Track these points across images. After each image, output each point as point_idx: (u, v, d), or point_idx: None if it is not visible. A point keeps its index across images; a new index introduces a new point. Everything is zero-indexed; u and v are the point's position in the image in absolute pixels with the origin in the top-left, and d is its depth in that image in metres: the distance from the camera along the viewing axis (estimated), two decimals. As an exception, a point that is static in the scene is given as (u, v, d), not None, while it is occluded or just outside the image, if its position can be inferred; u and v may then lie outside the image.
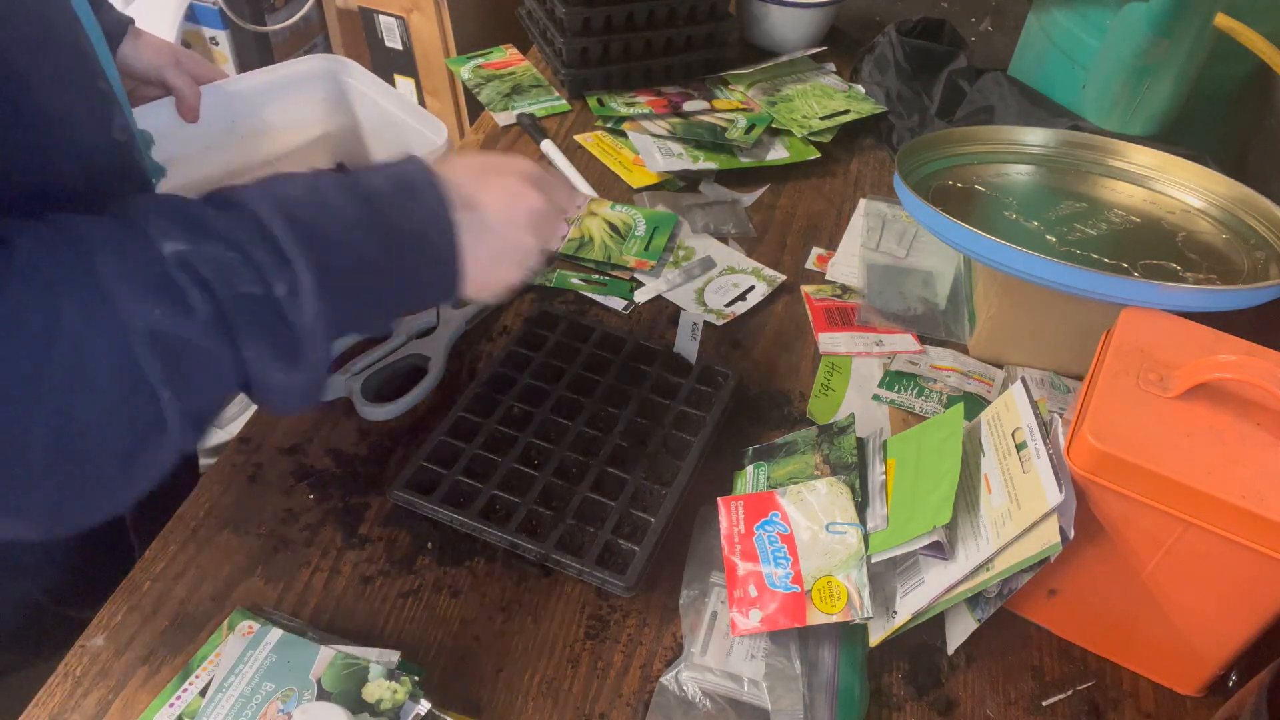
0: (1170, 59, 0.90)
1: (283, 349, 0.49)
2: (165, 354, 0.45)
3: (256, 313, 0.48)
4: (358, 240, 0.52)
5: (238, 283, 0.47)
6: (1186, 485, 0.53)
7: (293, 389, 0.51)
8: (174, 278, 0.46)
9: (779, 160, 1.02)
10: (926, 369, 0.82)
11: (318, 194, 0.52)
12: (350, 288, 0.51)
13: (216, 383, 0.48)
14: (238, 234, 0.48)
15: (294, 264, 0.49)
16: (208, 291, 0.46)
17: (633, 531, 0.66)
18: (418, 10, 1.54)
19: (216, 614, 0.62)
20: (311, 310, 0.49)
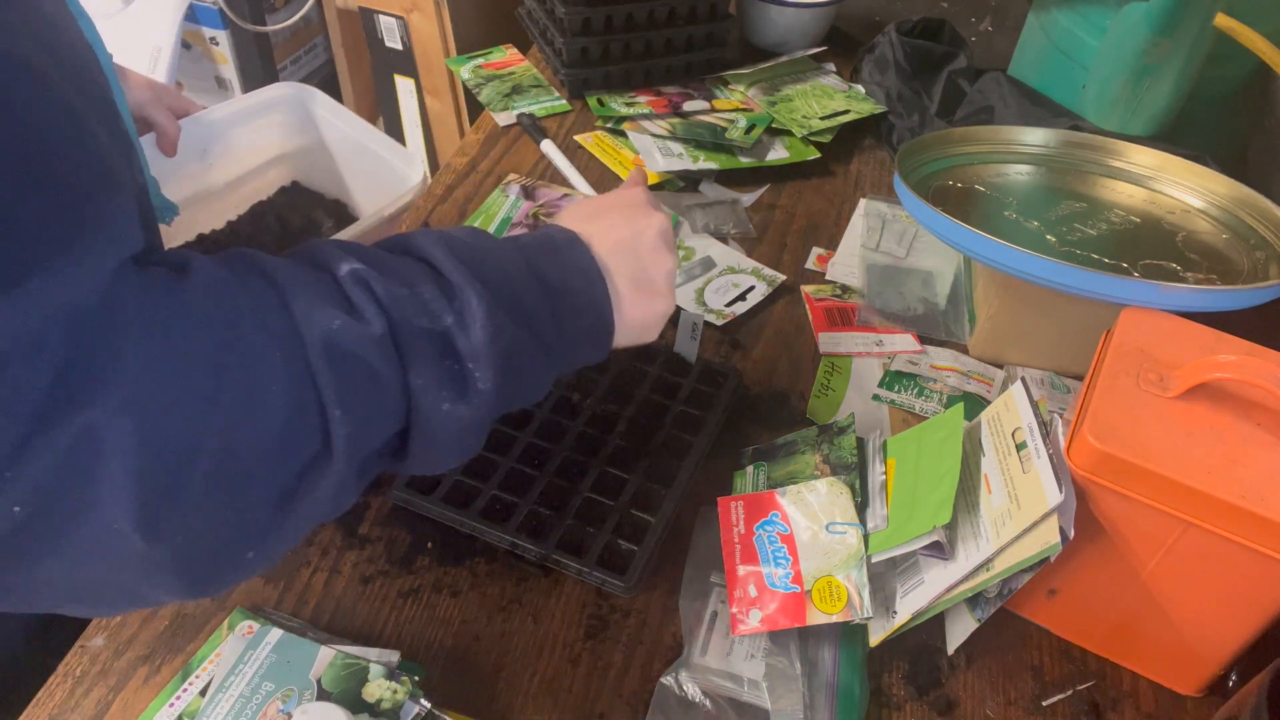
0: (1170, 59, 0.90)
1: (450, 378, 0.48)
2: (340, 367, 0.44)
3: (426, 343, 0.47)
4: (516, 278, 0.52)
5: (409, 314, 0.47)
6: (1186, 485, 0.53)
7: (455, 426, 0.49)
8: (350, 292, 0.46)
9: (779, 160, 1.02)
10: (926, 369, 0.82)
11: (477, 238, 0.54)
12: (513, 326, 0.51)
13: (383, 410, 0.47)
14: (406, 269, 0.49)
15: (461, 292, 0.49)
16: (381, 309, 0.46)
17: (633, 531, 0.66)
18: (418, 10, 1.54)
19: (216, 614, 0.62)
20: (479, 338, 0.49)
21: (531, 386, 0.55)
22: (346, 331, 0.45)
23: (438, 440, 0.50)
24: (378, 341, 0.45)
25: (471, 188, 0.98)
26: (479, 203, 0.95)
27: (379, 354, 0.45)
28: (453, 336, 0.48)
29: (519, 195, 0.96)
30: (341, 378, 0.44)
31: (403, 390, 0.47)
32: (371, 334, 0.45)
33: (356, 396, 0.45)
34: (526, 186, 0.97)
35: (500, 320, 0.50)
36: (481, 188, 0.98)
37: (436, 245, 0.51)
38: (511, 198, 0.96)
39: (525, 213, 0.94)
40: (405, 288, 0.48)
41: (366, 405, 0.45)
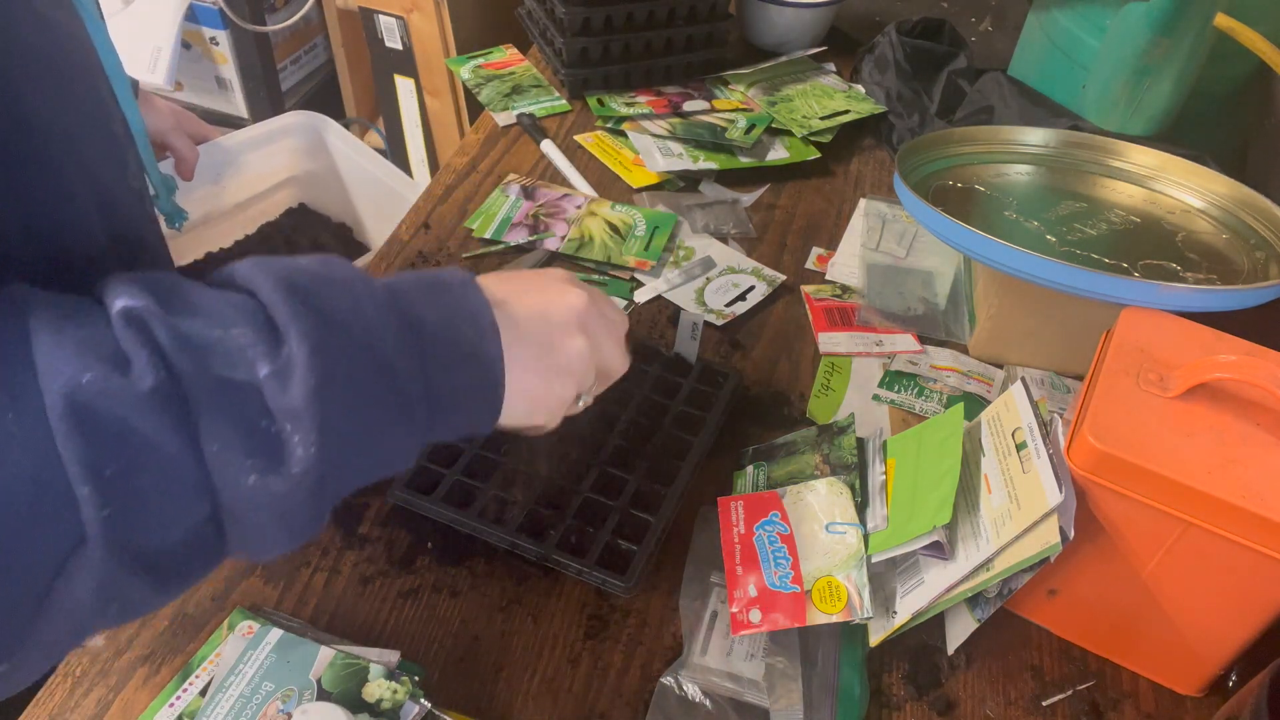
0: (1170, 59, 0.90)
1: (260, 443, 0.39)
2: (90, 431, 0.36)
3: (230, 399, 0.39)
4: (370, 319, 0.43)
5: (208, 363, 0.38)
6: (1186, 485, 0.53)
7: (269, 502, 0.40)
8: (120, 336, 0.38)
9: (779, 160, 1.02)
10: (926, 369, 0.82)
11: (329, 268, 0.44)
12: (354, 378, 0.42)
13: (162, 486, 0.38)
14: (220, 306, 0.40)
15: (285, 333, 0.40)
16: (160, 357, 0.38)
17: (633, 531, 0.66)
18: (418, 10, 1.54)
19: (216, 614, 0.62)
20: (298, 392, 0.39)
21: (381, 456, 0.45)
22: (100, 386, 0.36)
23: (250, 521, 0.40)
24: (144, 399, 0.37)
25: (471, 188, 0.98)
26: (479, 203, 0.95)
27: (149, 414, 0.37)
28: (265, 391, 0.39)
29: (519, 195, 0.96)
30: (93, 446, 0.36)
31: (192, 459, 0.38)
32: (135, 390, 0.37)
33: (120, 468, 0.36)
34: (526, 187, 0.97)
35: (333, 369, 0.40)
36: (481, 188, 0.98)
37: (265, 275, 0.42)
38: (511, 198, 0.96)
39: (525, 213, 0.94)
40: (215, 328, 0.39)
41: (138, 478, 0.37)
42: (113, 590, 0.38)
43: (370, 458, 0.44)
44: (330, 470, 0.41)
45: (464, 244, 0.91)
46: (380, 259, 0.90)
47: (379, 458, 0.45)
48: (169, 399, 0.37)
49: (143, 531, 0.38)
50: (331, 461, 0.41)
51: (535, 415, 0.52)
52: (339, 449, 0.41)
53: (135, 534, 0.37)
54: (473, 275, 0.49)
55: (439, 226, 0.93)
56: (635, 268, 0.89)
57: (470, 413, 0.48)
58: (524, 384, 0.50)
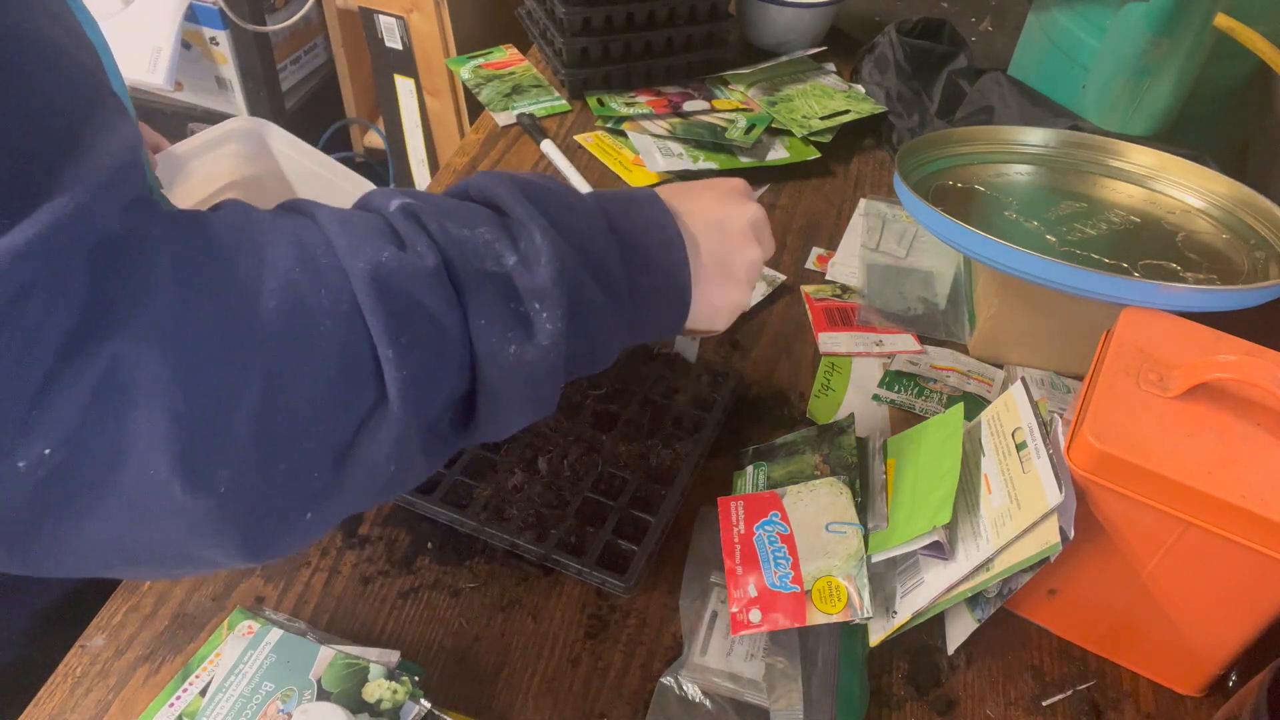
0: (1170, 59, 0.90)
1: (516, 320, 0.45)
2: (390, 303, 0.41)
3: (487, 284, 0.44)
4: (586, 222, 0.49)
5: (468, 254, 0.44)
6: (1186, 485, 0.53)
7: (525, 371, 0.45)
8: (399, 226, 0.43)
9: (779, 160, 1.02)
10: (926, 369, 0.82)
11: (547, 180, 0.51)
12: (581, 268, 0.48)
13: (442, 355, 0.43)
14: (465, 211, 0.46)
15: (525, 230, 0.46)
16: (434, 244, 0.43)
17: (633, 531, 0.66)
18: (418, 10, 1.54)
19: (216, 614, 0.62)
20: (545, 276, 0.45)
21: (600, 340, 0.51)
22: (396, 264, 0.41)
23: (506, 390, 0.46)
24: (431, 276, 0.42)
25: (471, 188, 0.98)
26: (479, 203, 0.95)
27: (433, 290, 0.42)
28: (515, 277, 0.45)
29: (519, 195, 0.96)
30: (393, 315, 0.41)
31: (462, 333, 0.44)
32: (424, 267, 0.42)
33: (412, 337, 0.41)
34: (526, 186, 0.97)
35: (567, 260, 0.46)
36: (481, 188, 0.98)
37: (501, 184, 0.48)
38: (511, 198, 0.96)
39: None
40: (464, 228, 0.45)
41: (423, 347, 0.42)
42: (401, 450, 0.42)
43: (594, 340, 0.50)
44: (571, 347, 0.47)
45: (464, 244, 0.91)
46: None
47: (599, 342, 0.51)
48: (445, 279, 0.43)
49: (425, 396, 0.43)
50: (571, 337, 0.47)
51: (716, 319, 0.58)
52: (575, 326, 0.47)
53: (421, 397, 0.42)
54: (657, 194, 0.55)
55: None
56: (635, 268, 0.89)
57: (662, 311, 0.54)
58: (705, 292, 0.55)
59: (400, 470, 0.44)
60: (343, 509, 0.43)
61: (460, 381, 0.45)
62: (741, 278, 0.57)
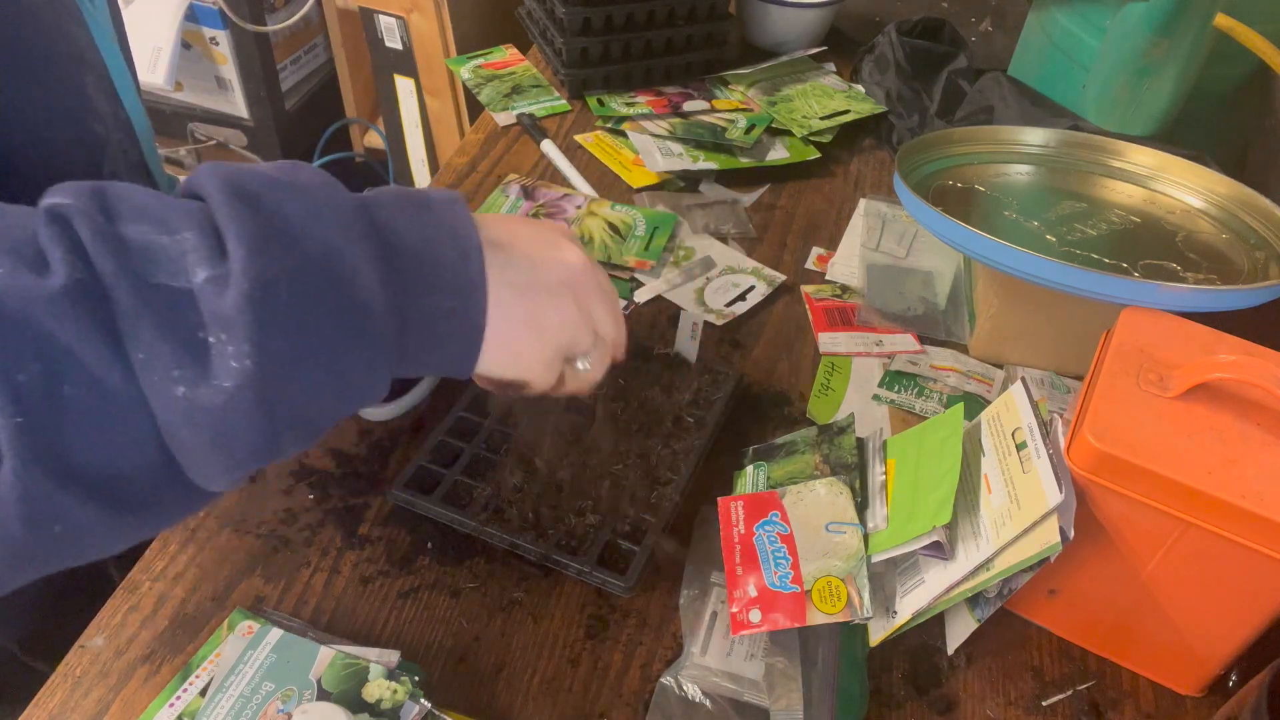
0: (1170, 59, 0.90)
1: (187, 352, 0.36)
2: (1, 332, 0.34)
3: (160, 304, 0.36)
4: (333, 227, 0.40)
5: (137, 265, 0.36)
6: (1186, 485, 0.53)
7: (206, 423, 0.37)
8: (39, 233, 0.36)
9: (779, 160, 1.02)
10: (926, 369, 0.82)
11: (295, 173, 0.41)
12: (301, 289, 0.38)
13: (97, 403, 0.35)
14: (168, 211, 0.38)
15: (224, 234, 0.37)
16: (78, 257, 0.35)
17: (633, 531, 0.66)
18: (418, 10, 1.54)
19: (216, 614, 0.62)
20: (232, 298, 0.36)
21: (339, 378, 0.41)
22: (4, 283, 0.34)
23: (185, 440, 0.38)
24: (54, 298, 0.34)
25: (471, 188, 0.98)
26: (479, 203, 0.95)
27: (57, 315, 0.34)
28: (198, 296, 0.37)
29: (519, 195, 0.96)
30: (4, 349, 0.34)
31: (119, 368, 0.36)
32: (44, 288, 0.34)
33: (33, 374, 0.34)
34: (526, 186, 0.97)
35: (274, 275, 0.37)
36: (481, 188, 0.98)
37: (214, 178, 0.39)
38: (511, 198, 0.96)
39: (525, 213, 0.94)
40: (160, 233, 0.37)
41: (54, 387, 0.35)
42: (45, 509, 0.35)
43: (324, 379, 0.40)
44: (273, 387, 0.38)
45: (464, 244, 0.91)
46: (380, 259, 0.90)
47: (337, 380, 0.41)
48: (85, 300, 0.35)
49: (73, 445, 0.35)
50: (272, 377, 0.38)
51: (519, 368, 0.48)
52: (281, 364, 0.38)
53: (62, 447, 0.35)
54: (461, 199, 0.45)
55: (439, 226, 0.93)
56: (635, 268, 0.89)
57: (446, 344, 0.44)
58: (507, 330, 0.46)
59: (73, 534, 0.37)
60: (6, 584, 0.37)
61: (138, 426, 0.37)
62: (553, 323, 0.48)
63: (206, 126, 1.84)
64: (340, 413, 0.42)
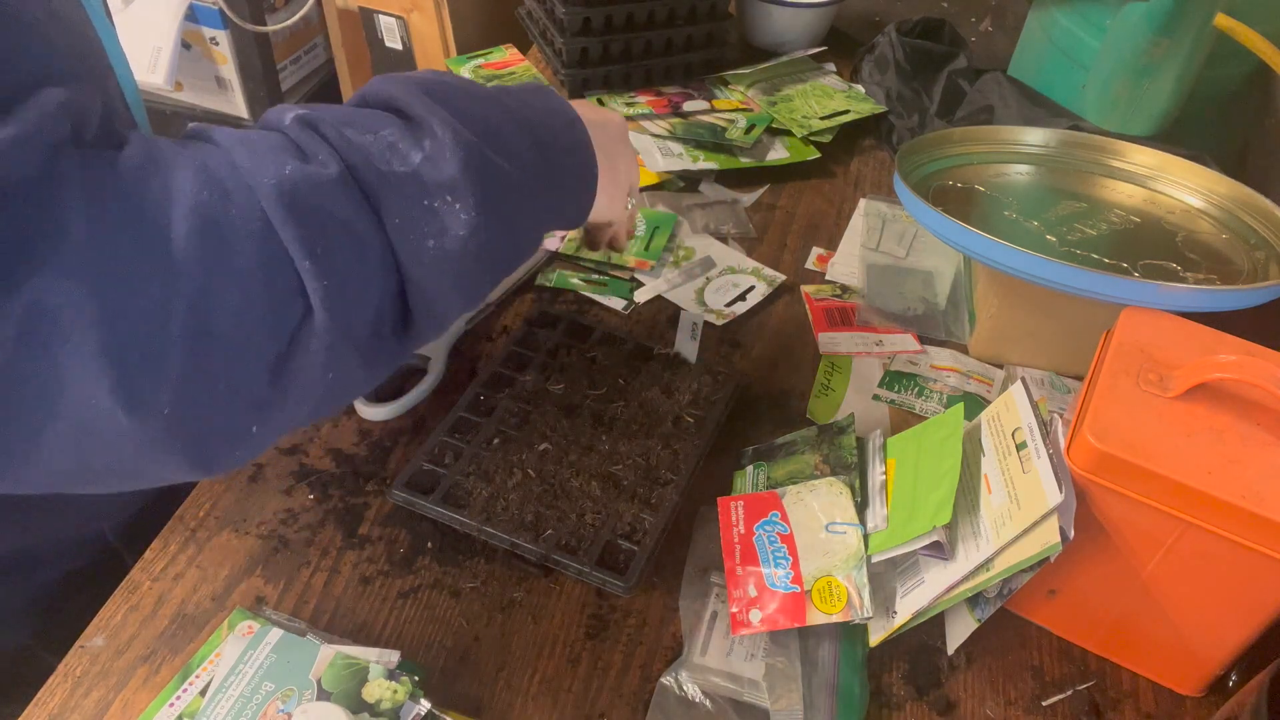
0: (1170, 59, 0.90)
1: (430, 216, 0.46)
2: (300, 214, 0.42)
3: (395, 185, 0.45)
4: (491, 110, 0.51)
5: (372, 158, 0.45)
6: (1186, 485, 0.53)
7: (448, 267, 0.47)
8: (299, 139, 0.44)
9: (779, 160, 1.02)
10: (926, 369, 0.82)
11: (445, 76, 0.52)
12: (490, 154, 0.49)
13: (361, 260, 0.44)
14: (365, 117, 0.47)
15: (427, 126, 0.47)
16: (335, 152, 0.44)
17: (633, 531, 0.66)
18: (418, 10, 1.54)
19: (216, 614, 0.62)
20: (452, 167, 0.46)
21: (520, 222, 0.52)
22: (300, 177, 0.42)
23: (433, 285, 0.47)
24: (337, 183, 0.43)
25: (471, 188, 0.98)
26: (479, 203, 0.95)
27: (341, 197, 0.43)
28: (423, 174, 0.46)
29: (519, 195, 0.96)
30: (305, 227, 0.42)
31: (379, 235, 0.45)
32: (328, 175, 0.43)
33: (327, 246, 0.42)
34: (526, 186, 0.97)
35: (473, 149, 0.47)
36: (481, 188, 0.98)
37: (397, 85, 0.49)
38: (511, 198, 0.96)
39: (525, 213, 0.94)
40: (366, 133, 0.46)
41: (340, 254, 0.43)
42: (336, 358, 0.44)
43: (515, 223, 0.51)
44: (490, 234, 0.48)
45: (464, 244, 0.91)
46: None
47: (521, 224, 0.52)
48: (352, 185, 0.44)
49: (351, 303, 0.44)
50: (489, 226, 0.48)
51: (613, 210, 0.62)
52: (491, 211, 0.48)
53: (346, 304, 0.43)
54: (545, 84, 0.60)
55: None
56: (635, 268, 0.89)
57: (576, 188, 0.57)
58: (601, 180, 0.59)
59: (340, 378, 0.45)
60: (288, 421, 0.45)
61: (386, 283, 0.46)
62: (622, 178, 0.62)
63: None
64: (528, 252, 0.54)
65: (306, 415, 0.46)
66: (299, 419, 0.46)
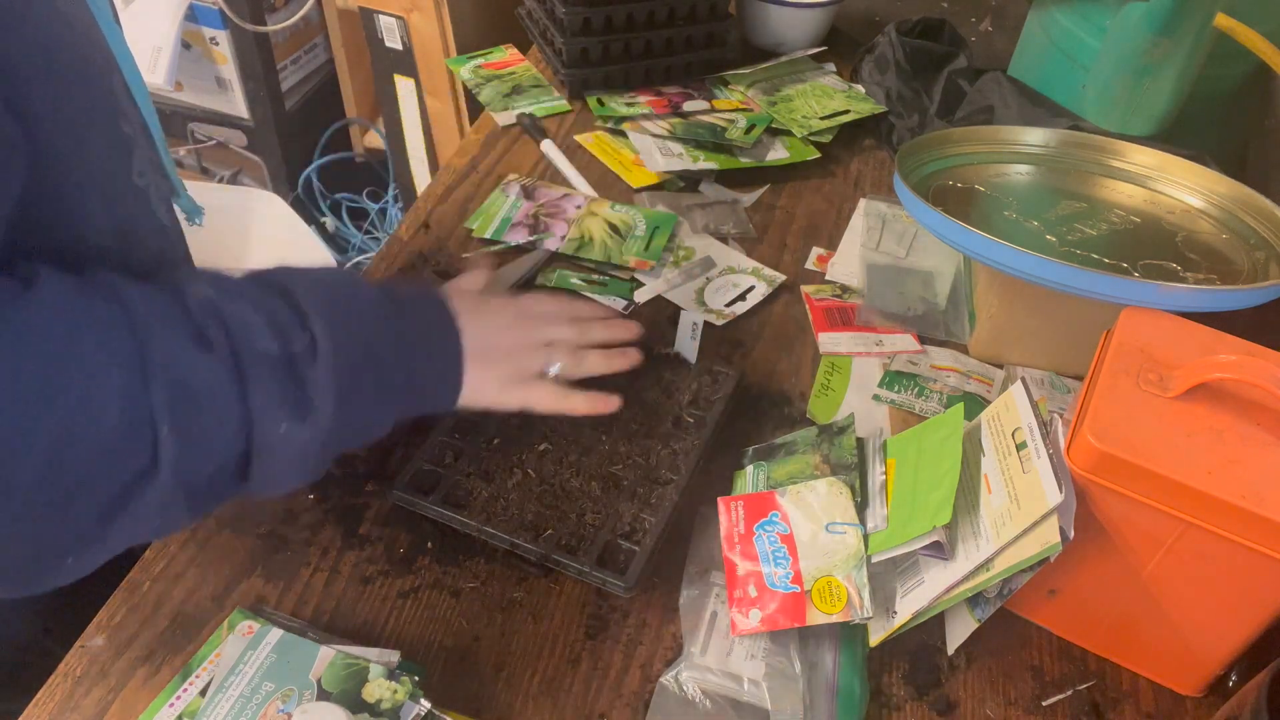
0: (1170, 59, 0.90)
1: (292, 400, 0.50)
2: (175, 387, 0.46)
3: (269, 368, 0.49)
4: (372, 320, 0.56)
5: (256, 339, 0.49)
6: (1186, 485, 0.53)
7: (293, 448, 0.51)
8: (199, 318, 0.48)
9: (779, 160, 1.02)
10: (926, 369, 0.82)
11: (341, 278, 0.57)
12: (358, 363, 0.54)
13: (218, 433, 0.48)
14: (264, 299, 0.51)
15: (313, 319, 0.51)
16: (228, 334, 0.48)
17: (633, 531, 0.66)
18: (418, 10, 1.54)
19: (216, 614, 0.62)
20: (325, 365, 0.51)
21: (372, 421, 0.57)
22: (188, 356, 0.46)
23: (275, 461, 0.51)
24: (218, 367, 0.47)
25: (471, 188, 0.98)
26: (479, 203, 0.95)
27: (219, 379, 0.47)
28: (297, 363, 0.50)
29: (519, 195, 0.96)
30: (177, 400, 0.46)
31: (241, 412, 0.48)
32: (214, 358, 0.47)
33: (190, 418, 0.46)
34: (526, 186, 0.97)
35: (346, 351, 0.52)
36: (481, 188, 0.98)
37: (298, 278, 0.54)
38: (511, 198, 0.96)
39: (526, 213, 0.94)
40: (260, 314, 0.50)
41: (200, 427, 0.47)
42: (167, 509, 0.47)
43: (365, 422, 0.57)
44: (338, 427, 0.52)
45: (464, 244, 0.91)
46: (380, 259, 0.90)
47: (371, 423, 0.57)
48: (230, 361, 0.48)
49: (198, 463, 0.47)
50: (341, 421, 0.52)
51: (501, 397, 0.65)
52: (347, 411, 0.52)
53: (192, 466, 0.47)
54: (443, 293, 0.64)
55: (439, 226, 0.93)
56: (635, 268, 0.89)
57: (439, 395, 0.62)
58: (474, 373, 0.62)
59: (165, 524, 0.51)
60: (104, 555, 0.48)
61: (233, 452, 0.49)
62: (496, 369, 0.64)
63: (206, 126, 1.84)
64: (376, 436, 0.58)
65: (124, 547, 0.49)
66: (116, 551, 0.49)
